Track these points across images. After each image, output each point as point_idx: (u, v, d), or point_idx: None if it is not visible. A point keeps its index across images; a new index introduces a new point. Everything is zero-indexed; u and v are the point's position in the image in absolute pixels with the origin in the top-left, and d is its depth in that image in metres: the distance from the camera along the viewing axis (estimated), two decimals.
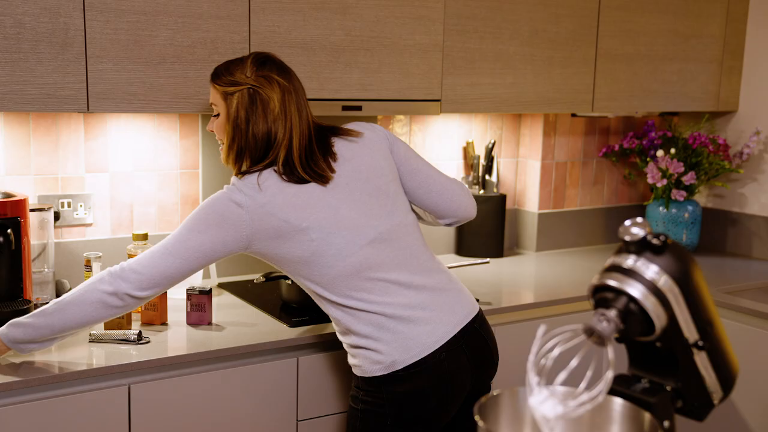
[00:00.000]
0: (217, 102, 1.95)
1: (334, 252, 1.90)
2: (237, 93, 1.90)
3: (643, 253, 1.31)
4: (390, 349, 1.91)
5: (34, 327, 1.87)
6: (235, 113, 1.90)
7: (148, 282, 1.86)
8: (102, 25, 2.09)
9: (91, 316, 1.86)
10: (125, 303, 1.86)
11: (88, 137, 2.50)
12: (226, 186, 1.92)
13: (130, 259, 1.90)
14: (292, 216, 1.88)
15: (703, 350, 1.35)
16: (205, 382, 2.05)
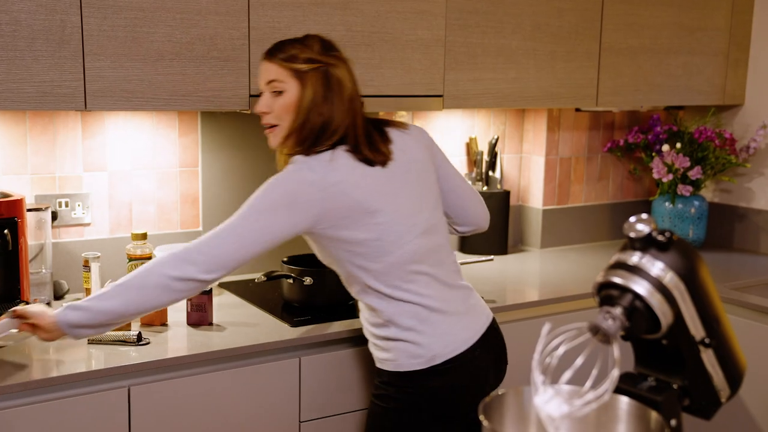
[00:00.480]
0: (285, 79, 1.88)
1: (393, 239, 1.89)
2: (311, 72, 1.87)
3: (648, 249, 1.30)
4: (431, 342, 1.91)
5: (92, 311, 1.78)
6: (312, 93, 1.86)
7: (216, 264, 1.80)
8: (99, 22, 2.06)
9: (152, 301, 1.80)
10: (189, 287, 1.80)
11: (85, 136, 2.47)
12: (291, 164, 1.87)
13: (192, 241, 1.84)
14: (363, 197, 1.86)
15: (709, 347, 1.34)
16: (206, 384, 2.04)
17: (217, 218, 2.68)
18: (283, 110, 1.90)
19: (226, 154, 2.68)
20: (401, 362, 1.93)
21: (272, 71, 1.90)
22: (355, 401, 2.25)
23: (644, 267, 1.28)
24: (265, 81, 1.92)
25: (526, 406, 1.34)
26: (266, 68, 1.92)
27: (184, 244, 1.88)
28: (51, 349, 2.02)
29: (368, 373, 2.25)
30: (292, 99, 1.88)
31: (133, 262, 2.33)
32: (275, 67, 1.90)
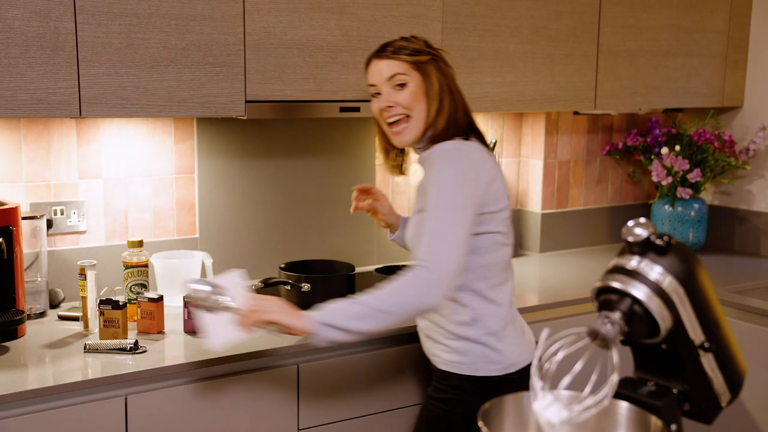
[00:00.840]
0: (405, 71, 1.92)
1: (504, 238, 1.95)
2: (429, 62, 1.93)
3: (646, 254, 1.29)
4: (510, 349, 1.94)
5: (352, 333, 1.73)
6: (439, 78, 1.93)
7: (457, 264, 1.75)
8: (93, 29, 2.05)
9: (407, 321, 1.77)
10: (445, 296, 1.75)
11: (80, 143, 2.46)
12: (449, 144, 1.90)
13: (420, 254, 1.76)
14: (502, 187, 1.94)
15: (709, 352, 1.33)
16: (203, 392, 2.02)
17: (214, 225, 2.67)
18: (411, 100, 1.93)
19: (222, 161, 2.66)
20: (478, 366, 1.93)
21: (392, 66, 1.93)
22: (355, 408, 2.24)
23: (643, 271, 1.27)
24: (386, 77, 1.94)
25: (525, 412, 1.34)
26: (382, 66, 1.95)
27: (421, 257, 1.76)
28: (47, 358, 2.00)
29: (367, 380, 2.24)
30: (418, 88, 1.92)
31: (129, 269, 2.32)
32: (394, 62, 1.93)
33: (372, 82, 1.98)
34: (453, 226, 1.77)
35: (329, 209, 2.86)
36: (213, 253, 2.63)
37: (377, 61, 1.97)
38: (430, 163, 1.88)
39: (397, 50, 1.94)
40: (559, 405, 1.23)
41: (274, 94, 2.31)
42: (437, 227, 1.77)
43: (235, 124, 2.66)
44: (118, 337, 2.11)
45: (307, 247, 2.83)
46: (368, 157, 2.91)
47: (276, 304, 1.79)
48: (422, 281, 1.72)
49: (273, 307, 1.78)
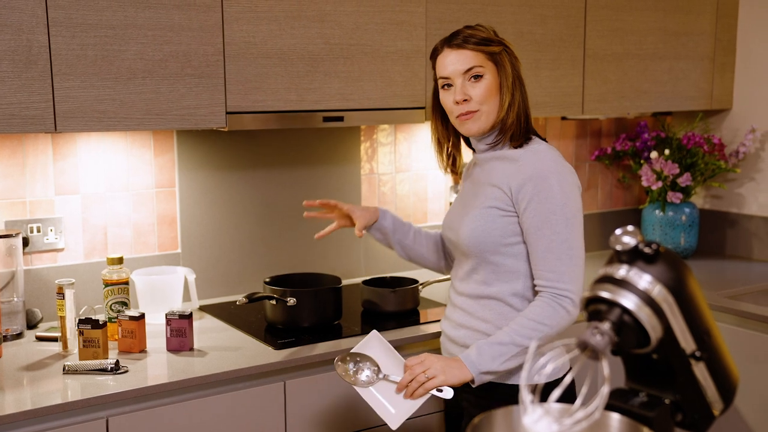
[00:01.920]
0: (481, 62, 1.87)
1: None
2: (502, 52, 1.88)
3: (635, 262, 1.26)
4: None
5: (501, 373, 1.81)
6: (512, 70, 1.89)
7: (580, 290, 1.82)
8: (67, 41, 2.01)
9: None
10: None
11: (56, 158, 2.41)
12: (542, 147, 1.89)
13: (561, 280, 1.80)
14: None
15: (701, 361, 1.30)
16: (187, 412, 1.98)
17: (196, 240, 2.62)
18: (486, 93, 1.88)
19: (203, 173, 2.62)
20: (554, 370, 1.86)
21: (468, 57, 1.87)
22: (343, 425, 2.20)
23: (632, 280, 1.24)
24: (462, 69, 1.88)
25: (515, 426, 1.30)
26: (457, 57, 1.88)
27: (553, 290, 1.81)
28: (25, 380, 1.95)
29: (355, 396, 2.19)
30: (494, 81, 1.88)
31: (109, 287, 2.27)
32: (469, 53, 1.87)
33: (445, 74, 1.90)
34: (580, 249, 1.82)
35: (314, 221, 2.81)
36: (196, 269, 2.58)
37: (449, 51, 1.89)
38: (528, 169, 1.84)
39: (469, 39, 1.87)
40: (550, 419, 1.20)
41: (255, 104, 2.27)
42: (566, 251, 1.80)
43: (216, 136, 2.62)
44: (99, 357, 2.06)
45: (291, 261, 2.78)
46: (353, 167, 2.87)
47: (433, 365, 1.79)
48: (566, 312, 1.79)
49: (433, 371, 1.78)
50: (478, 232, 1.88)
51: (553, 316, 1.77)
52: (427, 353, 1.83)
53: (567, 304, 1.78)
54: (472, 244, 1.89)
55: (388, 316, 2.44)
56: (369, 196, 2.92)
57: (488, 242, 1.87)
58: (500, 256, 1.88)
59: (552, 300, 1.78)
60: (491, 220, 1.87)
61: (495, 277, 1.89)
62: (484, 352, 1.78)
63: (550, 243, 1.79)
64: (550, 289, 1.79)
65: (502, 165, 1.89)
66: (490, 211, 1.88)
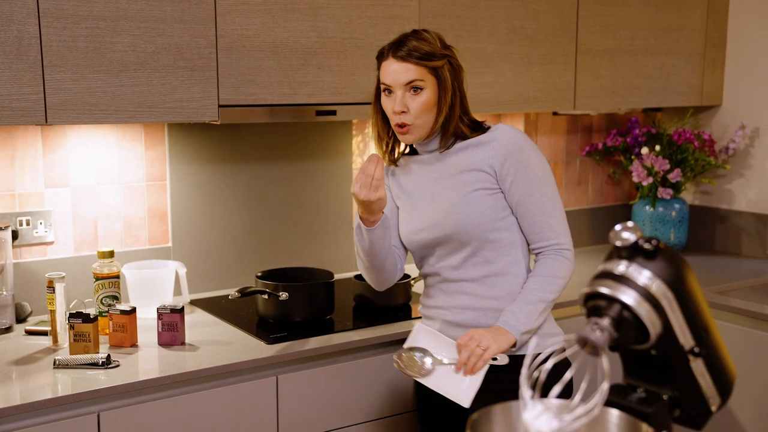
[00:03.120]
0: (423, 76, 1.91)
1: None
2: (444, 65, 1.93)
3: (634, 258, 1.26)
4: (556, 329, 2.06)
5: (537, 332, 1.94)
6: (452, 83, 1.94)
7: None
8: (58, 32, 1.99)
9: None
10: None
11: (46, 150, 2.39)
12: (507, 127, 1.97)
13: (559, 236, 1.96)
14: None
15: (699, 357, 1.30)
16: (179, 407, 1.97)
17: (187, 233, 2.60)
18: (424, 108, 1.92)
19: (195, 167, 2.60)
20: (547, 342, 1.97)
21: (410, 71, 1.90)
22: (335, 419, 2.19)
23: (631, 276, 1.24)
24: (403, 82, 1.91)
25: (514, 422, 1.30)
26: (399, 68, 1.91)
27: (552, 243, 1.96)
28: (14, 375, 1.94)
29: (348, 390, 2.19)
30: (433, 96, 1.92)
31: (99, 281, 2.25)
32: (411, 66, 1.90)
33: (387, 82, 1.93)
34: (562, 206, 2.00)
35: (306, 215, 2.80)
36: (187, 263, 2.57)
37: (393, 61, 1.92)
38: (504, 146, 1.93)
39: (412, 52, 1.90)
40: (550, 414, 1.20)
41: (247, 98, 2.25)
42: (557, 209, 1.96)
43: (208, 129, 2.60)
44: (90, 351, 2.05)
45: (283, 255, 2.77)
46: (345, 161, 2.86)
47: (483, 337, 1.86)
48: (571, 263, 1.96)
49: (485, 342, 1.85)
50: (472, 217, 1.94)
51: (564, 269, 1.94)
52: (472, 329, 1.90)
53: (569, 255, 1.95)
54: (471, 229, 1.94)
55: (380, 311, 2.43)
56: None
57: (485, 222, 1.94)
58: (497, 231, 1.95)
59: (557, 255, 1.94)
60: (481, 201, 1.94)
61: (497, 254, 1.97)
62: (518, 314, 1.89)
63: (542, 205, 1.93)
64: (552, 247, 1.95)
65: (473, 151, 1.96)
66: (477, 193, 1.94)
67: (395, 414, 2.27)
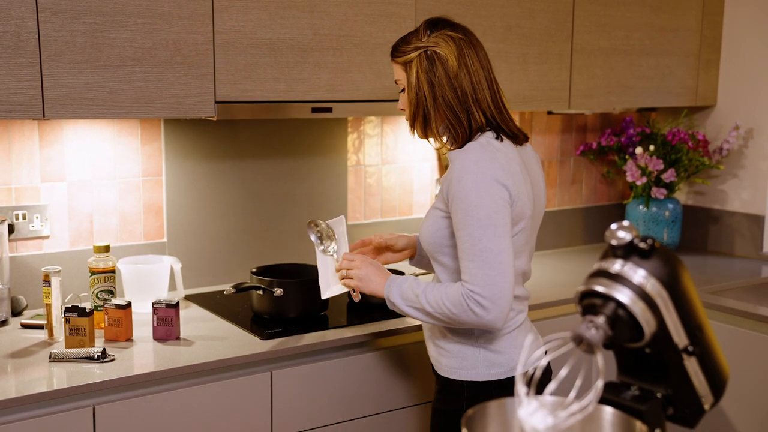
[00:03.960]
0: (400, 76, 1.91)
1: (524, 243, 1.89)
2: (415, 59, 1.86)
3: (630, 257, 1.27)
4: (513, 353, 1.89)
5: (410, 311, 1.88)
6: (416, 80, 1.85)
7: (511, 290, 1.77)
8: (57, 27, 1.99)
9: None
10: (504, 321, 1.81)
11: (43, 145, 2.39)
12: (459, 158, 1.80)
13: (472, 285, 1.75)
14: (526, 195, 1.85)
15: (693, 355, 1.31)
16: (174, 401, 1.97)
17: (182, 229, 2.61)
18: (405, 104, 1.92)
19: (191, 163, 2.60)
20: (480, 371, 1.88)
21: (394, 72, 1.93)
22: (330, 415, 2.20)
23: (626, 275, 1.25)
24: (395, 81, 1.95)
25: (509, 419, 1.31)
26: (393, 67, 1.94)
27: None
28: (9, 368, 1.94)
29: (342, 386, 2.20)
30: (405, 92, 1.90)
31: (95, 275, 2.25)
32: (394, 66, 1.93)
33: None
34: (498, 252, 1.73)
35: (301, 211, 2.81)
36: (182, 258, 2.57)
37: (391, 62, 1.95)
38: (453, 170, 1.80)
39: (394, 50, 1.91)
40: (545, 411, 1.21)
41: (244, 94, 2.26)
42: (476, 252, 1.74)
43: (204, 125, 2.60)
44: (85, 345, 2.05)
45: (278, 251, 2.78)
46: (340, 159, 2.86)
47: (360, 269, 1.94)
48: (473, 314, 1.75)
49: (355, 273, 1.94)
50: (427, 233, 1.91)
51: (458, 306, 1.75)
52: (364, 257, 1.98)
53: (474, 306, 1.73)
54: (425, 244, 1.92)
55: (374, 308, 2.43)
56: (355, 188, 2.92)
57: (434, 242, 1.89)
58: (445, 257, 1.88)
59: (461, 293, 1.75)
60: (436, 221, 1.87)
61: (445, 277, 1.91)
62: (402, 288, 1.87)
63: (464, 245, 1.76)
64: (463, 286, 1.76)
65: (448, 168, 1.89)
66: (434, 212, 1.90)
67: (389, 410, 2.28)
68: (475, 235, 1.73)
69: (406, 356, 2.29)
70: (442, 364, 1.93)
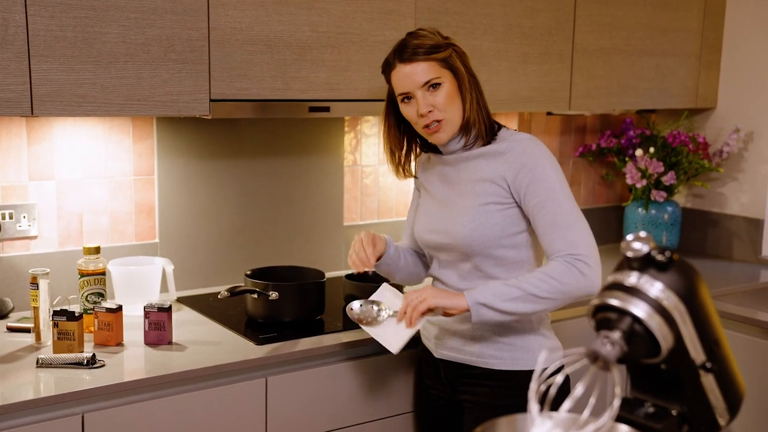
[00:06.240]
0: (437, 72, 1.88)
1: None
2: (452, 53, 1.89)
3: (646, 269, 1.21)
4: (557, 337, 2.00)
5: (505, 314, 1.81)
6: (464, 68, 1.90)
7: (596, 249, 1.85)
8: (46, 21, 1.93)
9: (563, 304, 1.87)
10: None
11: (31, 142, 2.33)
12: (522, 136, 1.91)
13: (575, 246, 1.80)
14: None
15: (711, 372, 1.26)
16: (165, 408, 1.93)
17: (175, 229, 2.55)
18: (447, 100, 1.88)
19: (184, 161, 2.55)
20: (537, 359, 1.90)
21: (424, 69, 1.87)
22: (325, 422, 2.16)
23: (642, 288, 1.21)
24: (421, 83, 1.88)
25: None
26: (412, 71, 1.88)
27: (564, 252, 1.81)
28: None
29: (338, 392, 2.15)
30: (452, 86, 1.89)
31: (85, 278, 2.19)
32: (423, 64, 1.87)
33: (403, 90, 1.90)
34: (584, 220, 1.85)
35: (296, 212, 2.75)
36: (174, 259, 2.51)
37: (402, 66, 1.89)
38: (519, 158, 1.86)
39: (418, 50, 1.88)
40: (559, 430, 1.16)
41: (239, 92, 2.21)
42: (574, 221, 1.82)
43: (198, 123, 2.55)
44: (74, 350, 2.00)
45: (272, 253, 2.72)
46: (337, 159, 2.81)
47: (428, 292, 1.84)
48: (581, 274, 1.78)
49: (426, 295, 1.83)
50: (479, 231, 1.88)
51: (566, 274, 1.78)
52: (418, 290, 1.88)
53: (581, 266, 1.78)
54: (474, 243, 1.89)
55: None
56: (352, 188, 2.86)
57: (491, 238, 1.88)
58: (503, 249, 1.90)
59: (565, 261, 1.79)
60: (490, 216, 1.88)
61: (501, 270, 1.91)
62: (486, 288, 1.82)
63: (556, 216, 1.81)
64: (563, 256, 1.81)
65: (487, 161, 1.90)
66: (487, 207, 1.88)
67: (386, 417, 2.24)
68: (565, 207, 1.82)
69: (405, 361, 2.25)
70: (505, 358, 1.93)
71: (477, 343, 1.95)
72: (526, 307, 1.79)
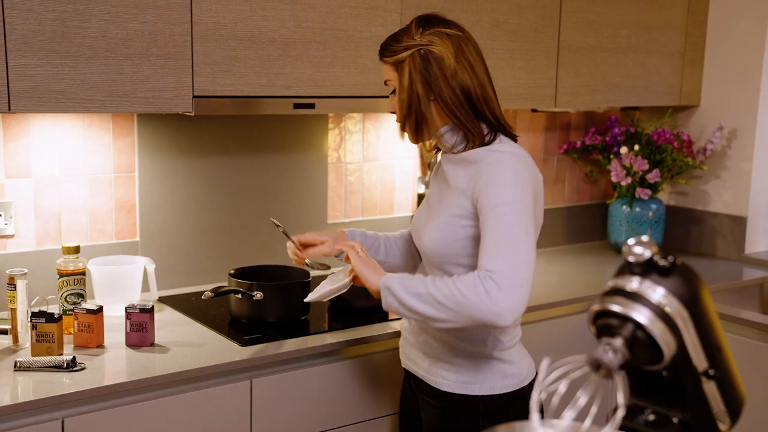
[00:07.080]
0: (391, 76, 1.80)
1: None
2: (407, 59, 1.75)
3: (648, 274, 1.19)
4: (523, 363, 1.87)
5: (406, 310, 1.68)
6: (409, 80, 1.75)
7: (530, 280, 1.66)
8: (24, 15, 1.89)
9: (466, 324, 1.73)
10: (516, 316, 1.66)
11: (7, 139, 2.27)
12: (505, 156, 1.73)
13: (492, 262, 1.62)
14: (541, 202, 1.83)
15: (713, 379, 1.24)
16: (148, 412, 1.90)
17: (156, 228, 2.50)
18: (397, 106, 1.81)
19: (165, 158, 2.50)
20: (495, 384, 1.81)
21: (383, 71, 1.83)
22: (311, 424, 2.13)
23: (644, 293, 1.18)
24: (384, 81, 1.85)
25: None
26: (382, 67, 1.85)
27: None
28: None
29: (324, 394, 2.12)
30: (397, 93, 1.80)
31: (64, 278, 2.14)
32: (383, 66, 1.83)
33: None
34: (526, 243, 1.65)
35: (279, 210, 2.72)
36: (156, 259, 2.47)
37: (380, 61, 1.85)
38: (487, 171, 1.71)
39: (383, 50, 1.82)
40: None
41: (223, 88, 2.16)
42: (506, 239, 1.63)
43: (180, 119, 2.50)
44: (53, 353, 1.96)
45: (255, 252, 2.68)
46: (321, 156, 2.77)
47: (361, 258, 1.79)
48: (485, 294, 1.59)
49: (359, 257, 1.78)
50: (438, 244, 1.79)
51: (470, 287, 1.60)
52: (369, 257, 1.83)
53: (489, 285, 1.58)
54: (433, 254, 1.81)
55: (356, 312, 2.36)
56: (336, 185, 2.83)
57: (449, 254, 1.78)
58: (461, 268, 1.78)
59: (477, 275, 1.61)
60: (453, 231, 1.76)
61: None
62: (403, 276, 1.70)
63: (492, 230, 1.64)
64: (480, 270, 1.63)
65: (466, 169, 1.77)
66: (452, 220, 1.77)
67: (372, 418, 2.22)
68: (506, 222, 1.64)
69: (390, 362, 2.22)
70: (451, 380, 1.83)
71: (427, 359, 1.87)
72: (426, 309, 1.63)
